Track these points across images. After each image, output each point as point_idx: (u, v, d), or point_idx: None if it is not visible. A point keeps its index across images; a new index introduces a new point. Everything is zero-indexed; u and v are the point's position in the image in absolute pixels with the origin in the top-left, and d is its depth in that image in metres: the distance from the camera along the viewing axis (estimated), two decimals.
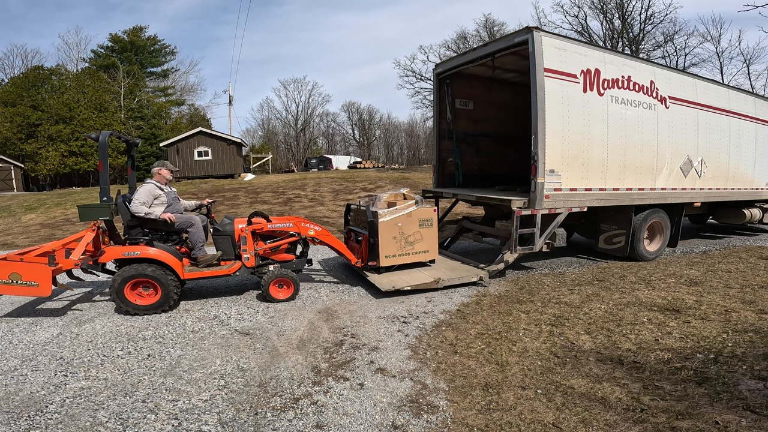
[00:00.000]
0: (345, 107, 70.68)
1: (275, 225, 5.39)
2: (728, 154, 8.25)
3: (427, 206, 5.98)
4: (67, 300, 5.47)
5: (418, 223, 5.85)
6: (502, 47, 6.30)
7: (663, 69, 7.30)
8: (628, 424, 2.67)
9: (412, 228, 5.83)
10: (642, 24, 33.88)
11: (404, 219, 5.76)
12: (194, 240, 5.09)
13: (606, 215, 7.14)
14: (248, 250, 5.16)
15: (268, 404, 3.01)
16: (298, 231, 5.49)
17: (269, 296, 5.09)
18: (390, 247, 5.73)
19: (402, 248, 5.80)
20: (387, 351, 3.82)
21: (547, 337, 4.05)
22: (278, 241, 5.43)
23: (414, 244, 5.86)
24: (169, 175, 5.28)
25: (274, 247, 5.42)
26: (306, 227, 5.54)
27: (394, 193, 6.18)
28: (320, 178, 21.15)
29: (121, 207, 4.92)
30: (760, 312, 4.57)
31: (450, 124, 8.25)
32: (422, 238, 5.91)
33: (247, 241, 5.15)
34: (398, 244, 5.76)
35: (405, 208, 5.78)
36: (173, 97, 48.88)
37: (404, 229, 5.77)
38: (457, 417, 2.81)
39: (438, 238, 6.19)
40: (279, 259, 5.50)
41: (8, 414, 2.91)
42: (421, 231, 5.88)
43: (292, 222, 5.51)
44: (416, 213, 5.84)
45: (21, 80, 36.47)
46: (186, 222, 5.06)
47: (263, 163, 36.09)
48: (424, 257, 6.01)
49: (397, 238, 5.74)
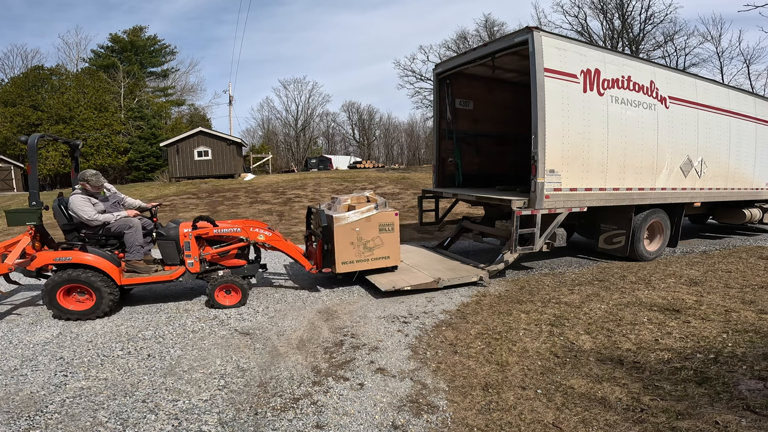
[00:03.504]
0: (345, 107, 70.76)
1: (221, 230, 5.20)
2: (728, 154, 8.25)
3: (389, 210, 5.71)
4: None
5: (378, 227, 5.57)
6: (502, 47, 6.30)
7: (663, 69, 7.30)
8: (628, 424, 2.67)
9: (372, 233, 5.55)
10: (642, 24, 33.89)
11: (363, 223, 5.48)
12: (129, 243, 4.87)
13: (606, 215, 7.14)
14: (192, 255, 4.98)
15: (268, 404, 3.01)
16: (246, 236, 5.26)
17: (215, 302, 4.93)
18: (347, 253, 5.47)
19: (360, 254, 5.54)
20: (387, 351, 3.82)
21: (547, 337, 4.05)
22: (226, 246, 5.22)
23: (373, 250, 5.60)
24: (93, 190, 4.94)
25: (222, 252, 5.22)
26: (255, 232, 5.30)
27: (356, 196, 5.92)
28: (320, 178, 21.16)
29: (56, 211, 4.78)
30: (760, 312, 4.57)
31: (450, 124, 8.24)
32: (383, 244, 5.63)
33: (190, 246, 4.97)
34: (356, 249, 5.50)
35: (364, 212, 5.51)
36: (173, 97, 48.88)
37: (363, 234, 5.50)
38: (457, 417, 2.81)
39: (399, 243, 5.90)
40: (229, 264, 5.31)
41: (8, 414, 2.91)
42: (381, 236, 5.60)
43: (239, 226, 5.29)
44: (376, 217, 5.55)
45: (21, 80, 36.51)
46: (123, 225, 4.87)
47: (263, 163, 36.09)
48: (384, 263, 5.73)
49: (354, 243, 5.48)
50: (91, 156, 34.12)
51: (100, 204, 4.93)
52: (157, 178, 29.56)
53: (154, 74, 48.87)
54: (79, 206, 4.72)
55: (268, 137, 56.07)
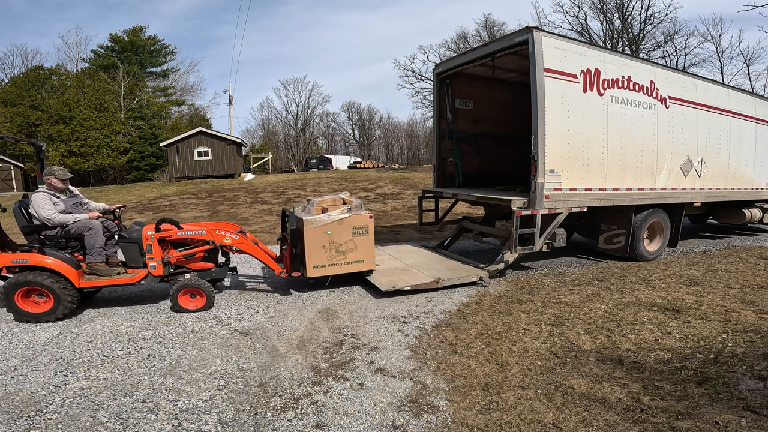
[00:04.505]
0: (345, 107, 70.74)
1: (186, 232, 5.08)
2: (728, 154, 8.25)
3: (363, 213, 5.56)
4: None
5: (351, 230, 5.44)
6: (502, 47, 6.30)
7: (663, 69, 7.30)
8: (628, 424, 2.67)
9: (344, 236, 5.42)
10: (642, 24, 33.91)
11: (335, 226, 5.36)
12: (89, 245, 4.80)
13: (606, 215, 7.14)
14: (154, 258, 4.87)
15: (268, 404, 3.01)
16: (212, 239, 5.12)
17: (178, 306, 4.84)
18: (318, 257, 5.33)
19: (332, 258, 5.40)
20: (387, 351, 3.82)
21: (547, 337, 4.05)
22: (191, 249, 5.12)
23: (347, 254, 5.46)
24: (59, 185, 4.94)
25: (187, 255, 5.11)
26: (221, 235, 5.15)
27: (332, 198, 5.80)
28: (320, 178, 21.17)
29: (16, 213, 4.75)
30: (760, 312, 4.57)
31: (450, 124, 8.24)
32: (356, 247, 5.50)
33: (153, 249, 4.86)
34: (328, 253, 5.37)
35: (336, 215, 5.40)
36: (173, 97, 48.88)
37: (335, 237, 5.37)
38: (457, 417, 2.81)
39: (374, 247, 5.75)
40: (195, 267, 5.21)
41: (8, 414, 2.91)
42: (354, 239, 5.47)
43: (205, 229, 5.16)
44: (349, 220, 5.41)
45: (21, 80, 36.50)
46: (83, 227, 4.80)
47: (263, 163, 36.09)
48: (358, 267, 5.60)
49: (326, 247, 5.35)
50: (91, 156, 34.13)
51: (61, 204, 4.86)
52: (157, 178, 29.56)
53: (154, 74, 48.88)
54: (39, 204, 4.67)
55: (268, 137, 56.07)
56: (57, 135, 33.10)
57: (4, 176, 30.46)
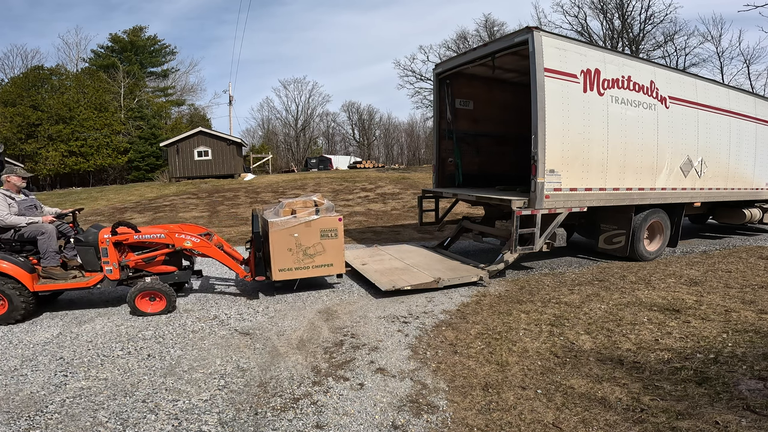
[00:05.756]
0: (345, 107, 70.68)
1: (143, 236, 4.99)
2: (728, 154, 8.25)
3: (332, 215, 5.47)
4: (67, 300, 5.47)
5: (320, 233, 5.35)
6: (502, 47, 6.30)
7: (663, 69, 7.31)
8: (628, 424, 2.67)
9: (312, 239, 5.33)
10: (642, 24, 33.91)
11: (302, 229, 5.27)
12: (42, 249, 4.75)
13: (606, 215, 7.14)
14: (110, 261, 4.79)
15: (268, 404, 3.01)
16: (171, 242, 5.01)
17: (136, 309, 4.76)
18: (284, 260, 5.24)
19: (300, 261, 5.30)
20: (387, 351, 3.82)
21: (547, 337, 4.05)
22: (150, 252, 5.02)
23: (314, 257, 5.37)
24: (20, 182, 4.95)
25: (147, 259, 5.01)
26: (181, 238, 5.02)
27: (303, 200, 5.70)
28: (320, 178, 21.17)
29: None
30: (760, 312, 4.57)
31: (450, 124, 8.24)
32: (324, 250, 5.40)
33: (108, 253, 4.78)
34: (295, 256, 5.27)
35: (303, 217, 5.31)
36: (173, 97, 48.89)
37: (302, 240, 5.28)
38: (457, 417, 2.81)
39: (344, 250, 5.65)
40: (156, 270, 5.11)
41: (8, 414, 2.91)
42: (323, 242, 5.38)
43: (163, 232, 5.06)
44: (317, 223, 5.33)
45: (21, 80, 36.49)
46: (36, 231, 4.75)
47: (263, 163, 36.08)
48: (327, 271, 5.53)
49: (293, 249, 5.25)
50: (91, 156, 34.14)
51: (16, 206, 4.84)
52: (157, 178, 29.57)
53: (154, 74, 48.89)
54: None
55: (268, 137, 56.07)
56: (57, 135, 33.11)
57: None
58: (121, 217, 13.86)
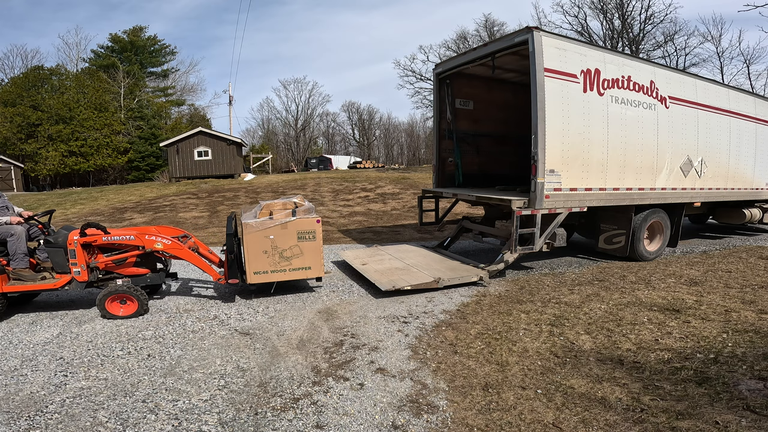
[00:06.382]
0: (345, 107, 70.74)
1: (112, 237, 4.90)
2: (728, 154, 8.25)
3: (310, 217, 5.31)
4: (67, 300, 5.47)
5: (297, 235, 5.21)
6: (502, 47, 6.30)
7: (663, 69, 7.30)
8: (628, 424, 2.67)
9: (289, 241, 5.19)
10: (642, 24, 33.93)
11: (277, 231, 5.13)
12: (11, 251, 4.73)
13: (606, 215, 7.14)
14: (78, 263, 4.74)
15: (268, 404, 3.01)
16: (141, 244, 4.92)
17: (106, 313, 4.70)
18: (260, 263, 5.12)
19: (276, 264, 5.18)
20: (387, 351, 3.82)
21: (547, 337, 4.05)
22: (120, 254, 4.94)
23: (291, 260, 5.23)
24: None
25: (117, 261, 4.92)
26: (151, 240, 4.93)
27: (283, 201, 5.57)
28: (320, 178, 21.17)
29: None
30: (760, 312, 4.57)
31: (450, 123, 8.25)
32: (302, 253, 5.26)
33: (76, 254, 4.72)
34: (271, 259, 5.15)
35: (280, 219, 5.18)
36: (173, 97, 48.87)
37: (278, 242, 5.15)
38: (457, 417, 2.81)
39: (323, 252, 5.48)
40: (128, 273, 5.02)
41: (8, 414, 2.91)
42: (300, 245, 5.24)
43: (133, 234, 4.95)
44: (293, 224, 5.18)
45: (21, 80, 36.48)
46: (5, 233, 4.74)
47: (263, 163, 36.09)
48: (305, 274, 5.37)
49: (269, 252, 5.13)
50: (91, 156, 34.13)
51: None
52: (157, 178, 29.58)
53: (154, 74, 48.87)
54: None
55: (268, 137, 56.07)
56: (57, 135, 33.11)
57: (4, 176, 30.46)
58: (122, 217, 13.87)
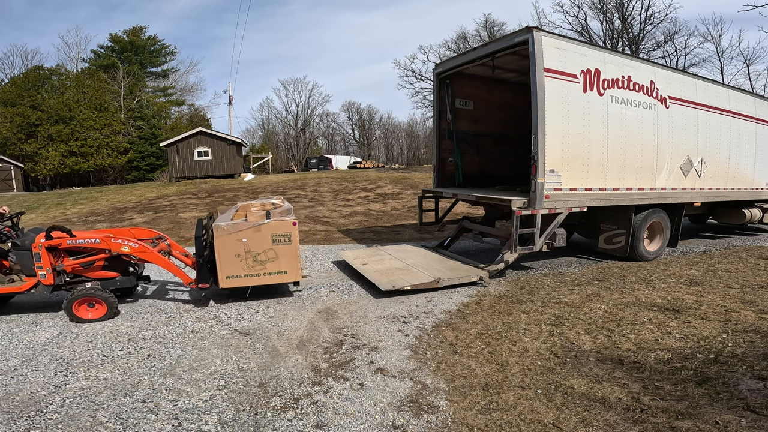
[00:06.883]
0: (345, 107, 70.72)
1: (77, 240, 4.81)
2: (728, 154, 8.25)
3: (286, 219, 5.12)
4: None
5: (271, 238, 5.02)
6: (502, 47, 6.30)
7: (663, 69, 7.30)
8: (628, 424, 2.67)
9: (263, 244, 5.01)
10: (642, 24, 33.93)
11: (251, 234, 4.95)
12: None
13: (606, 215, 7.14)
14: (44, 266, 4.67)
15: (268, 404, 3.01)
16: (107, 247, 4.81)
17: (73, 316, 4.61)
18: (232, 266, 4.96)
19: (250, 268, 5.01)
20: (387, 351, 3.82)
21: (547, 337, 4.05)
22: (87, 257, 4.87)
23: (266, 264, 5.05)
24: None
25: (84, 264, 4.84)
26: (117, 243, 4.81)
27: (260, 202, 5.39)
28: (320, 178, 21.16)
29: None
30: (760, 312, 4.57)
31: (450, 123, 8.25)
32: (277, 257, 5.06)
33: (41, 257, 4.66)
34: (244, 263, 4.98)
35: (253, 221, 5.01)
36: (173, 97, 48.87)
37: (251, 245, 4.97)
38: (457, 417, 2.81)
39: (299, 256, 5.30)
40: (97, 276, 4.93)
41: (8, 414, 2.91)
42: (275, 248, 5.05)
43: (99, 237, 4.84)
44: (268, 227, 5.00)
45: (21, 80, 36.49)
46: None
47: (263, 163, 36.09)
48: (280, 279, 5.16)
49: (242, 255, 4.96)
50: (91, 156, 34.12)
51: None
52: (157, 178, 29.57)
53: (154, 74, 48.87)
54: None
55: (268, 137, 56.07)
56: (57, 135, 33.10)
57: (4, 176, 30.45)
58: (122, 217, 13.86)
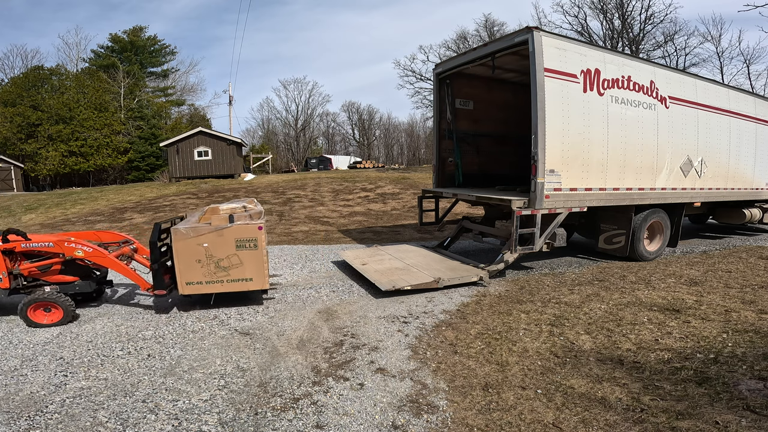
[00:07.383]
0: (345, 107, 70.74)
1: (31, 244, 4.72)
2: (728, 154, 8.25)
3: (252, 223, 4.85)
4: None
5: (235, 244, 4.77)
6: (502, 47, 6.30)
7: (663, 69, 7.31)
8: (628, 424, 2.67)
9: (226, 250, 4.76)
10: (642, 24, 33.93)
11: (211, 238, 4.71)
12: None
13: (606, 215, 7.14)
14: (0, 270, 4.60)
15: (268, 404, 3.01)
16: (60, 251, 4.71)
17: (29, 321, 4.53)
18: (193, 272, 4.74)
19: (212, 274, 4.78)
20: (387, 351, 3.82)
21: (547, 337, 4.05)
22: (42, 261, 4.76)
23: (229, 270, 4.81)
24: None
25: (41, 267, 4.74)
26: (71, 247, 4.70)
27: (230, 206, 5.13)
28: (320, 178, 21.15)
29: None
30: (760, 312, 4.57)
31: (450, 123, 8.25)
32: (242, 263, 4.82)
33: None
34: (205, 269, 4.76)
35: (216, 225, 4.80)
36: (173, 97, 48.88)
37: (213, 250, 4.73)
38: (457, 417, 2.81)
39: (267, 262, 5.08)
40: (55, 280, 4.84)
41: (8, 414, 2.91)
42: (239, 254, 4.80)
43: (52, 240, 4.74)
44: (230, 231, 4.74)
45: (21, 80, 36.50)
46: None
47: (263, 163, 36.08)
48: (245, 286, 4.93)
49: (203, 261, 4.74)
50: (91, 156, 34.12)
51: None
52: (157, 178, 29.57)
53: (154, 74, 48.88)
54: None
55: (268, 137, 56.06)
56: (57, 135, 33.10)
57: (4, 176, 30.44)
58: (122, 217, 13.86)
